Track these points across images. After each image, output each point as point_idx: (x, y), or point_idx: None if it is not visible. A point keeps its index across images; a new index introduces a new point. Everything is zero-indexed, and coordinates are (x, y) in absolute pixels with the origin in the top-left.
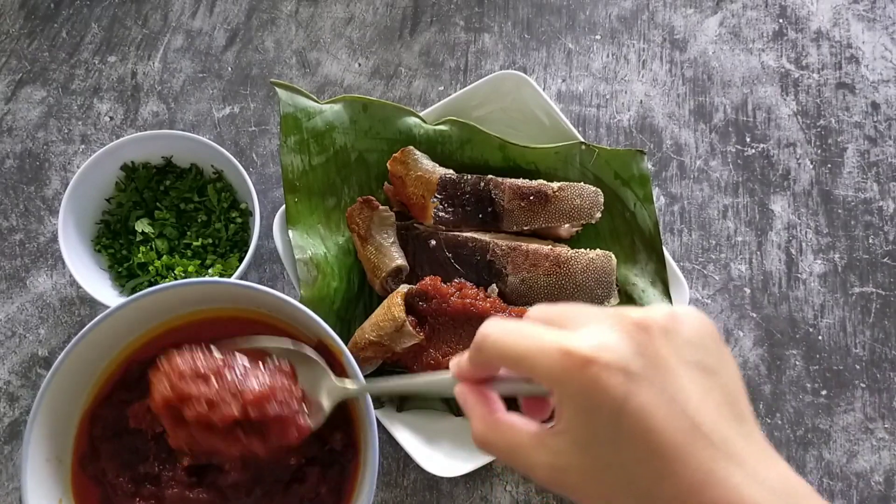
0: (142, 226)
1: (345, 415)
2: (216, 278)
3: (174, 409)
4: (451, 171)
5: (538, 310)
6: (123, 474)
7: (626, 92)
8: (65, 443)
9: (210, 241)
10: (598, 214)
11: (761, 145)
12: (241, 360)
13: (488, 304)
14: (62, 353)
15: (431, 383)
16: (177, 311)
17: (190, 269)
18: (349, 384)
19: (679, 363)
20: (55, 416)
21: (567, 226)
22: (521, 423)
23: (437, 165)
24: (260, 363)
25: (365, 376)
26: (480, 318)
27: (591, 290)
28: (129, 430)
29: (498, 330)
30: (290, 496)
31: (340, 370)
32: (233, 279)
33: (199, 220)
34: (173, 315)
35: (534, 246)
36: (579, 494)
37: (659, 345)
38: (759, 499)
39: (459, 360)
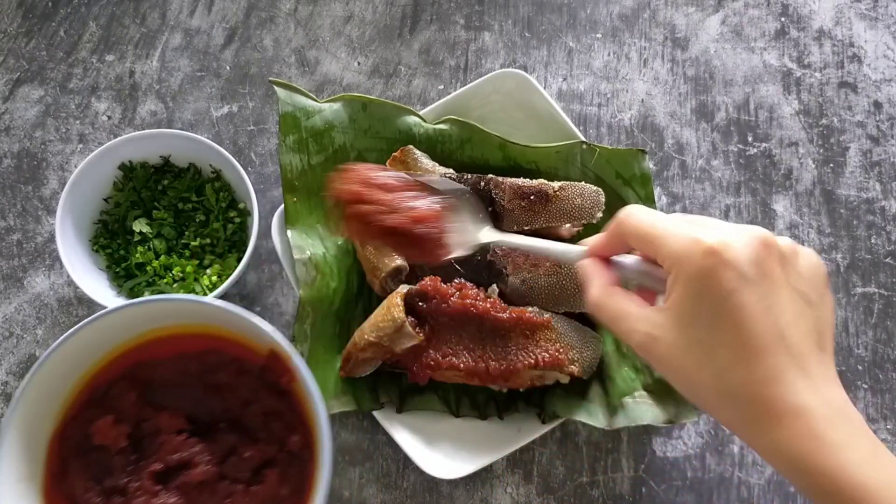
0: (140, 226)
1: (301, 418)
2: (165, 295)
3: (350, 203)
4: (451, 171)
5: (678, 215)
6: (92, 490)
7: (627, 91)
8: (36, 463)
9: (208, 241)
10: (600, 214)
11: (763, 144)
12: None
13: (488, 305)
14: (26, 377)
15: (560, 251)
16: (136, 329)
17: (188, 269)
18: (483, 234)
19: (785, 284)
20: (25, 437)
21: (568, 225)
22: (631, 296)
23: (437, 165)
24: (428, 194)
25: (364, 376)
26: (480, 318)
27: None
28: (95, 446)
29: (641, 211)
30: (250, 498)
31: (290, 376)
32: (182, 295)
33: (198, 220)
34: (134, 334)
35: None
36: (661, 362)
37: (774, 263)
38: (813, 405)
39: (595, 237)
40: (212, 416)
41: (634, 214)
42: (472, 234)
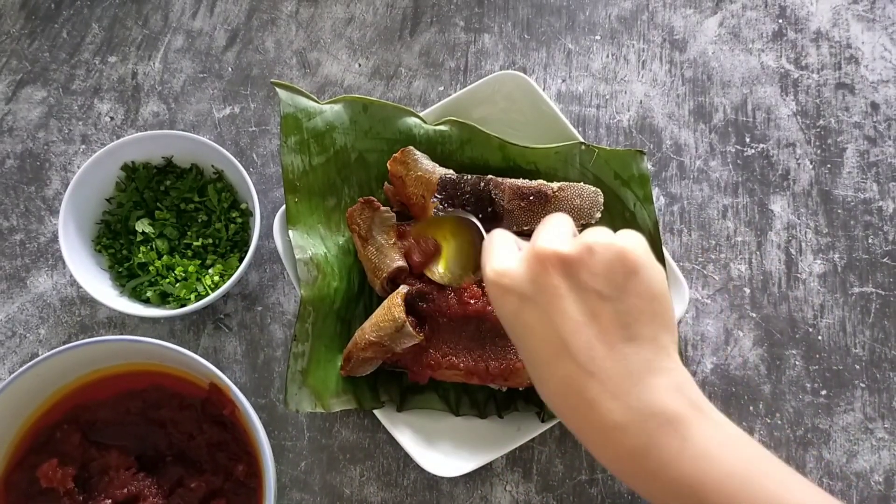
0: (142, 226)
1: (246, 448)
2: (104, 337)
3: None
4: (451, 172)
5: (544, 219)
6: None
7: (625, 92)
8: None
9: (210, 241)
10: (598, 214)
11: (761, 145)
12: None
13: (489, 306)
14: None
15: None
16: (77, 372)
17: (190, 269)
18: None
19: (571, 289)
20: None
21: None
22: None
23: (437, 165)
24: None
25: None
26: (480, 317)
27: None
28: (42, 490)
29: (487, 237)
30: None
31: (232, 406)
32: (120, 336)
33: (200, 221)
34: (75, 377)
35: None
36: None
37: (551, 276)
38: (618, 418)
39: None
40: (157, 450)
41: (487, 238)
42: None
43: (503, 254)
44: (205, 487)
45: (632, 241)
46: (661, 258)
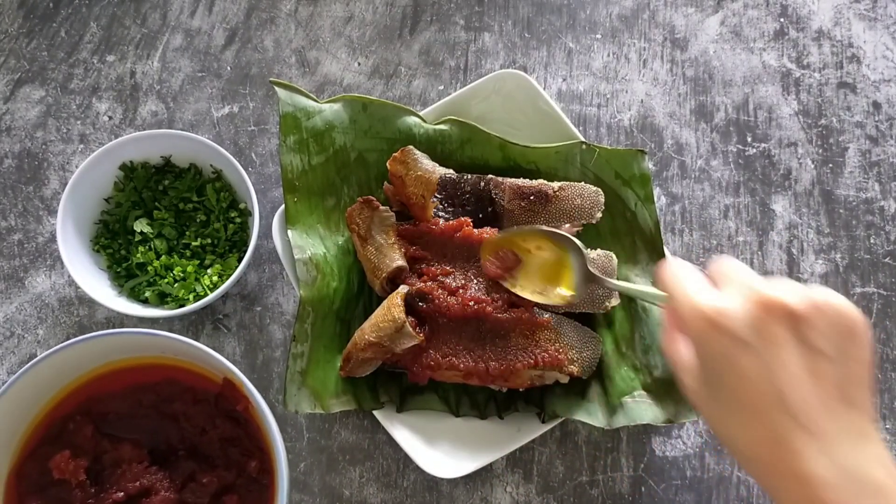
0: (140, 226)
1: (259, 444)
2: (118, 329)
3: None
4: (451, 171)
5: (719, 262)
6: None
7: (626, 91)
8: None
9: (209, 241)
10: (599, 214)
11: (762, 145)
12: None
13: (489, 307)
14: None
15: (653, 294)
16: (91, 364)
17: (189, 269)
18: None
19: (795, 344)
20: None
21: (568, 226)
22: (685, 347)
23: (437, 165)
24: None
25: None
26: (480, 318)
27: (592, 291)
28: (54, 481)
29: (668, 269)
30: None
31: (245, 402)
32: (135, 329)
33: (198, 220)
34: (88, 369)
35: None
36: (700, 411)
37: (776, 325)
38: (824, 473)
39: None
40: (169, 445)
41: (665, 270)
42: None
43: (710, 290)
44: (217, 482)
45: (849, 304)
46: (662, 258)
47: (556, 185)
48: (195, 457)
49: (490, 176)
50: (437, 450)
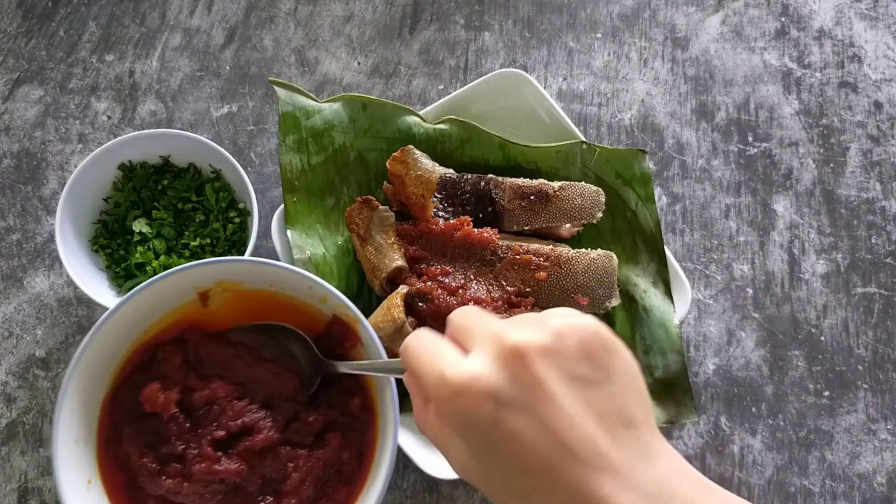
0: (139, 226)
1: (360, 383)
2: (231, 257)
3: None
4: (451, 171)
5: (455, 317)
6: (147, 456)
7: (627, 91)
8: (90, 426)
9: (208, 241)
10: (600, 214)
11: (763, 144)
12: None
13: (489, 308)
14: (88, 335)
15: (385, 365)
16: (190, 294)
17: None
18: (339, 364)
19: (559, 383)
20: (81, 398)
21: (568, 225)
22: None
23: (437, 165)
24: None
25: None
26: None
27: (592, 291)
28: (148, 413)
29: (412, 343)
30: (313, 462)
31: (354, 341)
32: (241, 258)
33: (197, 220)
34: (191, 298)
35: (534, 246)
36: (481, 489)
37: (536, 368)
38: (631, 502)
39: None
40: (262, 384)
41: (407, 346)
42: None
43: (455, 356)
44: (321, 420)
45: (589, 318)
46: (662, 258)
47: (556, 184)
48: (293, 399)
49: (490, 176)
50: (437, 451)
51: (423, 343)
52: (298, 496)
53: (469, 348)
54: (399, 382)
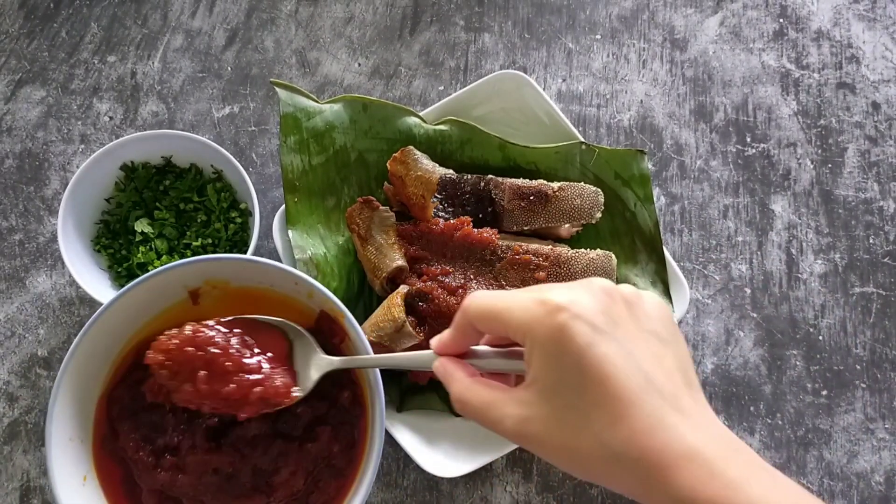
0: (141, 226)
1: (350, 376)
2: (220, 255)
3: (174, 374)
4: (451, 171)
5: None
6: (144, 450)
7: (626, 92)
8: (85, 424)
9: (210, 241)
10: (599, 214)
11: (762, 145)
12: (237, 344)
13: None
14: (78, 335)
15: (412, 358)
16: (183, 293)
17: None
18: (335, 360)
19: (637, 329)
20: (74, 397)
21: (567, 226)
22: (494, 384)
23: (437, 165)
24: (253, 348)
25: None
26: None
27: None
28: (146, 406)
29: (480, 294)
30: (304, 455)
31: (342, 335)
32: (232, 255)
33: (199, 220)
34: (182, 297)
35: (534, 246)
36: (540, 443)
37: (621, 309)
38: (703, 445)
39: (441, 336)
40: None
41: (475, 299)
42: (314, 362)
43: (541, 290)
44: (310, 413)
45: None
46: (661, 258)
47: (555, 185)
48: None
49: (490, 176)
50: (437, 449)
51: (496, 291)
52: (289, 489)
53: (551, 291)
54: (392, 377)
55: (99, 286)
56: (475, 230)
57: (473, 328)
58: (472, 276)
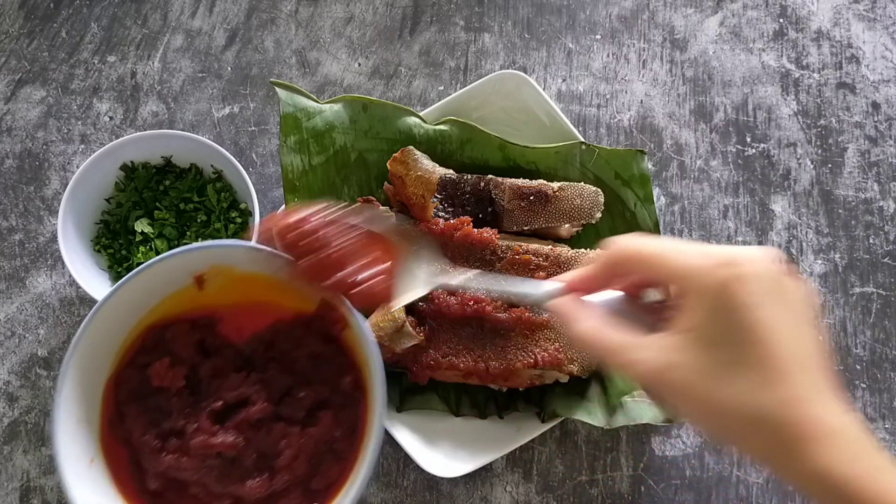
0: (141, 226)
1: (353, 361)
2: (225, 241)
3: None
4: (451, 171)
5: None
6: (149, 433)
7: (626, 92)
8: (93, 406)
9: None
10: (599, 214)
11: (762, 145)
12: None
13: (489, 307)
14: (86, 318)
15: (529, 290)
16: (190, 279)
17: None
18: (431, 278)
19: (799, 304)
20: (82, 380)
21: (567, 226)
22: (627, 328)
23: (437, 165)
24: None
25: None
26: (480, 318)
27: None
28: (152, 390)
29: (629, 237)
30: (306, 439)
31: (343, 323)
32: (238, 241)
33: (199, 220)
34: (188, 282)
35: (534, 246)
36: (682, 391)
37: (788, 281)
38: (846, 426)
39: (576, 272)
40: (262, 358)
41: (626, 239)
42: (418, 279)
43: (721, 246)
44: (312, 397)
45: None
46: None
47: (555, 185)
48: (290, 372)
49: (490, 176)
50: (437, 449)
51: (646, 237)
52: (292, 472)
53: (718, 247)
54: (393, 377)
55: (99, 286)
56: (475, 230)
57: (614, 270)
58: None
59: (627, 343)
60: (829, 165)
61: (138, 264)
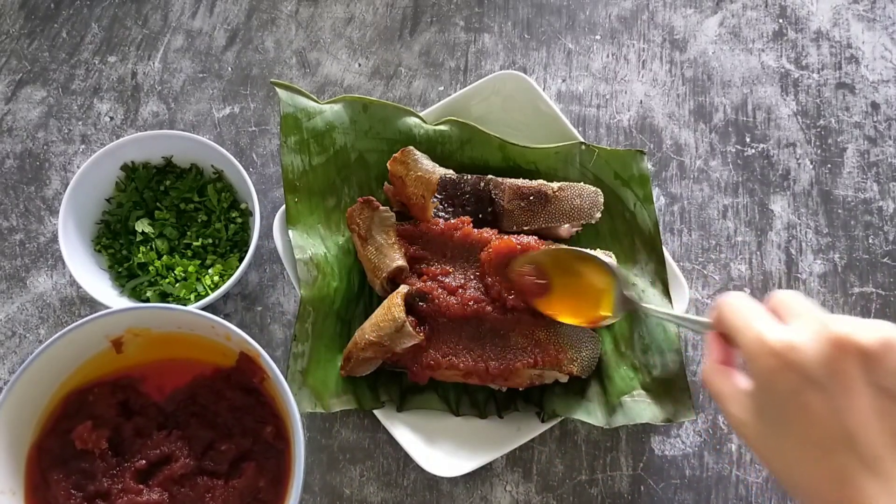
0: (142, 226)
1: (273, 410)
2: (138, 304)
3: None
4: (451, 172)
5: (780, 293)
6: (75, 498)
7: (625, 92)
8: (16, 477)
9: (210, 241)
10: (598, 214)
11: (761, 145)
12: None
13: (488, 306)
14: (4, 390)
15: (692, 321)
16: (106, 343)
17: (190, 269)
18: (633, 304)
19: (866, 384)
20: (4, 450)
21: (567, 226)
22: (734, 377)
23: (437, 165)
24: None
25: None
26: (480, 318)
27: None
28: (76, 453)
29: (730, 303)
30: (230, 491)
31: (261, 374)
32: (150, 304)
33: (199, 221)
34: (105, 347)
35: None
36: (748, 444)
37: (849, 363)
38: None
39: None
40: (183, 416)
41: (725, 305)
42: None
43: (777, 325)
44: (235, 450)
45: None
46: (660, 258)
47: (555, 185)
48: (211, 427)
49: (490, 176)
50: (438, 449)
51: (744, 304)
52: None
53: (789, 322)
54: (393, 377)
55: (99, 286)
56: (475, 230)
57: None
58: (472, 276)
59: (723, 393)
60: (829, 166)
61: (138, 264)
